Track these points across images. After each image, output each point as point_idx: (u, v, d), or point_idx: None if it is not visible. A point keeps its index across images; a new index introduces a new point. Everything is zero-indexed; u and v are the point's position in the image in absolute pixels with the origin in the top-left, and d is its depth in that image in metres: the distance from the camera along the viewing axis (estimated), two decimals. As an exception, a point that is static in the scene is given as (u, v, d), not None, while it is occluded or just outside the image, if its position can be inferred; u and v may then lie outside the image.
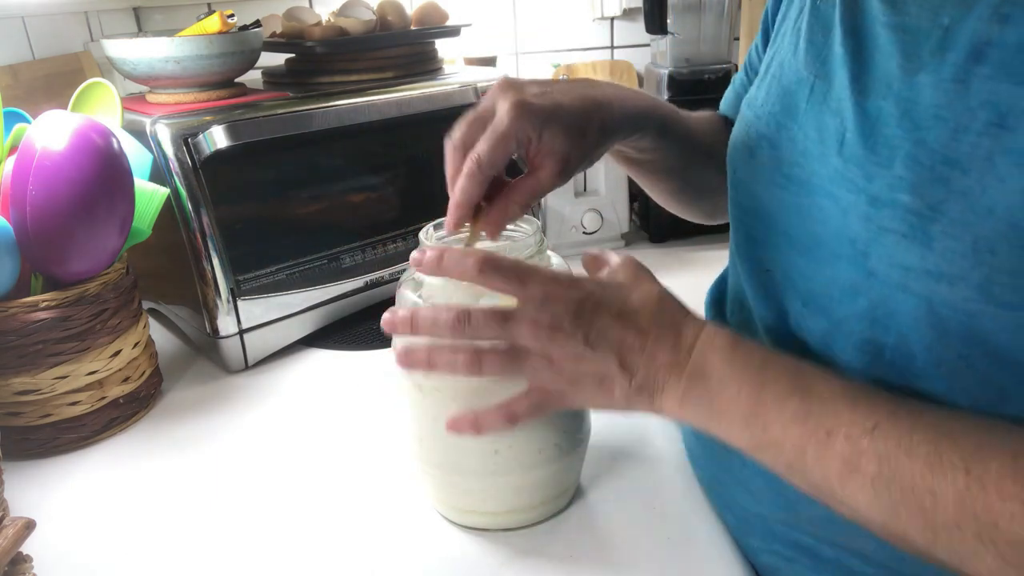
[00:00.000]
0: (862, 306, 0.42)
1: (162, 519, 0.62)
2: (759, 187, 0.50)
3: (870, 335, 0.42)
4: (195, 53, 0.85)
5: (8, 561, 0.46)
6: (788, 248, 0.48)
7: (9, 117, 0.73)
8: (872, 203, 0.40)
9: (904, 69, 0.40)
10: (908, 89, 0.39)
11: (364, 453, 0.69)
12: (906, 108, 0.39)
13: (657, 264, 1.08)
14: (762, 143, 0.50)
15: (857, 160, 0.41)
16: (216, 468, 0.68)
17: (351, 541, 0.58)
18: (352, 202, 0.98)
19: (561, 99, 0.51)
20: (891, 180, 0.39)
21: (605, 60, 1.43)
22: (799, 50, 0.49)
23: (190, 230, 0.80)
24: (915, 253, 0.38)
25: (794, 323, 0.48)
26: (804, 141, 0.46)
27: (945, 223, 0.37)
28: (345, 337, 0.92)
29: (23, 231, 0.65)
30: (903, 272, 0.39)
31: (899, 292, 0.39)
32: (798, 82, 0.48)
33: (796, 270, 0.47)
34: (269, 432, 0.74)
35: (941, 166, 0.37)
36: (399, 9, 1.02)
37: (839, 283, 0.43)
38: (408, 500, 0.61)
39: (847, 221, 0.42)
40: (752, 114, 0.52)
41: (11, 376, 0.67)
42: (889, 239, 0.39)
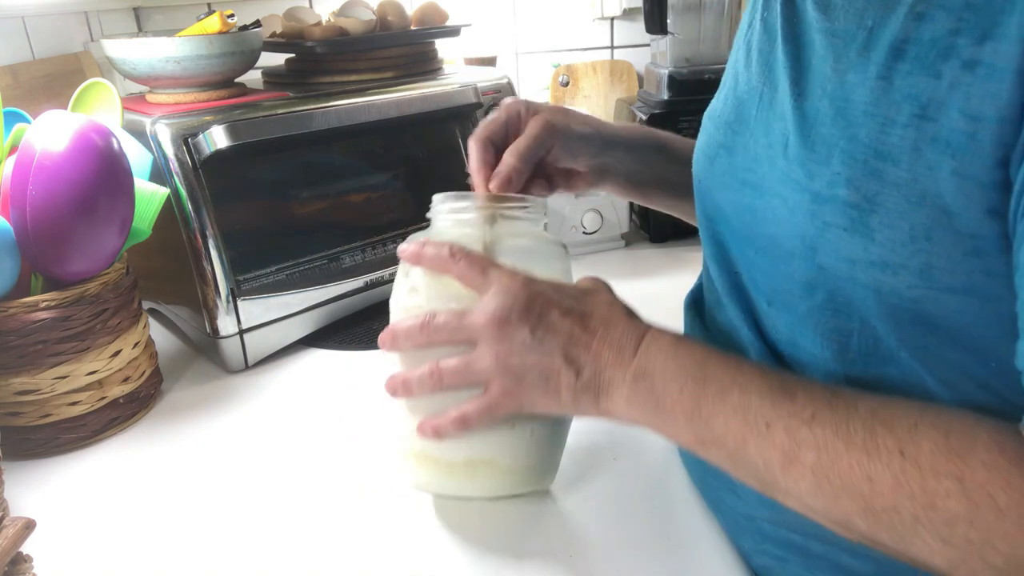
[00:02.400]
0: (821, 298, 0.43)
1: (162, 519, 0.62)
2: (719, 193, 0.52)
3: (835, 323, 0.43)
4: (195, 53, 0.85)
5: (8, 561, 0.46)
6: (749, 250, 0.50)
7: (9, 117, 0.74)
8: (815, 200, 0.41)
9: (835, 70, 0.42)
10: (840, 88, 0.42)
11: (364, 453, 0.69)
12: (840, 107, 0.41)
13: (657, 264, 1.09)
14: (720, 151, 0.52)
15: (800, 160, 0.43)
16: (216, 468, 0.68)
17: (351, 541, 0.58)
18: (352, 202, 0.98)
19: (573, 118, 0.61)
20: (830, 177, 0.41)
21: (605, 60, 1.43)
22: (750, 61, 0.51)
23: (190, 230, 0.80)
24: (858, 245, 0.39)
25: (763, 321, 0.50)
26: (755, 147, 0.48)
27: (882, 214, 0.38)
28: (345, 337, 0.92)
29: (23, 231, 0.65)
30: (849, 264, 0.40)
31: (849, 284, 0.41)
32: (749, 91, 0.50)
33: (758, 270, 0.49)
34: (269, 432, 0.74)
35: (874, 160, 0.39)
36: (399, 9, 1.02)
37: (796, 279, 0.45)
38: (408, 500, 0.61)
39: (795, 219, 0.43)
40: (712, 125, 0.54)
41: (11, 376, 0.67)
42: (833, 233, 0.41)
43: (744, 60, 0.52)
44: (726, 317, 0.54)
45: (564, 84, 1.43)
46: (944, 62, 0.36)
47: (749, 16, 0.54)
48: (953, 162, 0.36)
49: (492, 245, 0.53)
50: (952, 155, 0.36)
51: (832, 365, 0.45)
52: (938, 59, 0.37)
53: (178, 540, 0.59)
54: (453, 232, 0.54)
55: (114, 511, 0.63)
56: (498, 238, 0.53)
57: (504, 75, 1.05)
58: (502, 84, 1.04)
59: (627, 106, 1.24)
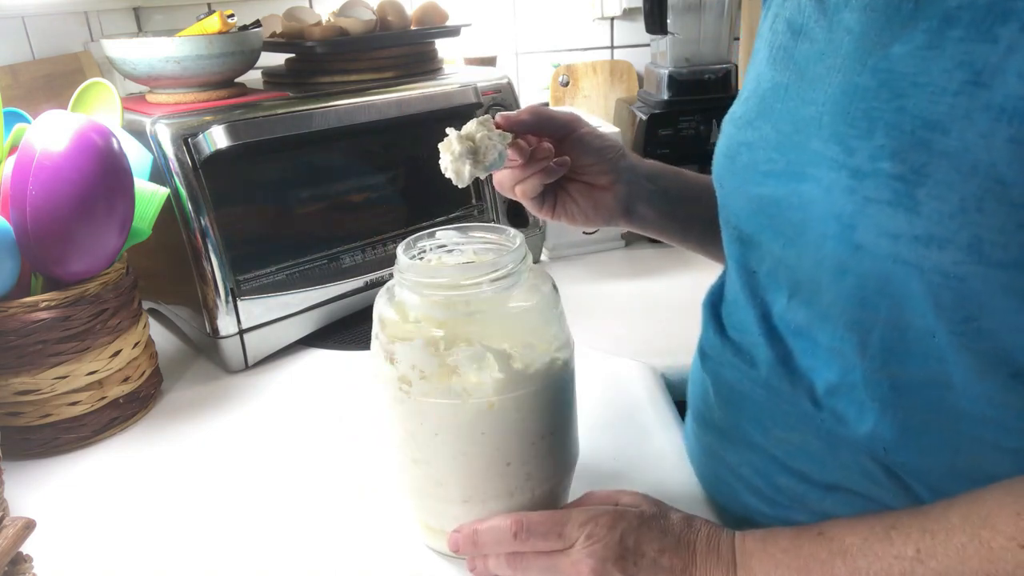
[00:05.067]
0: (850, 285, 0.42)
1: (162, 519, 0.62)
2: (741, 190, 0.51)
3: (858, 316, 0.43)
4: (195, 53, 0.85)
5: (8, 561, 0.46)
6: (772, 243, 0.49)
7: (9, 117, 0.73)
8: (854, 175, 0.41)
9: (878, 43, 0.41)
10: (883, 60, 0.41)
11: (364, 453, 0.69)
12: (884, 79, 0.40)
13: (657, 264, 1.09)
14: (740, 149, 0.51)
15: (837, 138, 0.42)
16: (216, 468, 0.68)
17: (351, 541, 0.58)
18: (352, 202, 0.98)
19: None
20: (872, 150, 0.40)
21: (605, 60, 1.43)
22: (773, 60, 0.50)
23: (190, 230, 0.80)
24: (902, 219, 0.38)
25: (777, 319, 0.50)
26: (777, 136, 0.48)
27: (930, 186, 0.37)
28: (345, 337, 0.92)
29: (23, 231, 0.65)
30: (892, 240, 0.39)
31: (888, 263, 0.40)
32: (773, 87, 0.49)
33: (781, 265, 0.49)
34: (269, 432, 0.74)
35: (922, 130, 0.38)
36: (399, 9, 1.02)
37: (825, 266, 0.44)
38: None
39: (831, 198, 0.42)
40: (732, 127, 0.54)
41: (11, 376, 0.67)
42: (875, 208, 0.39)
43: (767, 60, 0.51)
44: (739, 319, 0.54)
45: (564, 84, 1.43)
46: (1002, 25, 0.35)
47: (769, 20, 0.53)
48: (1009, 129, 0.35)
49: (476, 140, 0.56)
50: (1008, 121, 0.35)
51: (849, 360, 0.44)
52: (996, 23, 0.36)
53: (178, 540, 0.59)
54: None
55: (114, 511, 0.63)
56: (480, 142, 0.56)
57: (504, 75, 1.05)
58: (502, 84, 1.04)
59: (627, 106, 1.24)
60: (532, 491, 0.53)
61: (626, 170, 0.64)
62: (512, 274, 0.51)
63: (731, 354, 0.54)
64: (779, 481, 0.51)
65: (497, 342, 0.49)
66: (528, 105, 0.62)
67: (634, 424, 0.70)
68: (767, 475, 0.52)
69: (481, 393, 0.49)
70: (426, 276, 0.50)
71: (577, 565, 0.47)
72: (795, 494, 0.50)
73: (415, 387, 0.50)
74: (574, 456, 0.57)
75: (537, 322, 0.52)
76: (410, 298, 0.51)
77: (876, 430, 0.44)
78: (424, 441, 0.51)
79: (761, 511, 0.53)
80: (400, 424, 0.52)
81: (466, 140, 0.56)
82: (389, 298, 0.53)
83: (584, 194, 0.64)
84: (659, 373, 0.79)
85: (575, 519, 0.49)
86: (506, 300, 0.51)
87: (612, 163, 0.63)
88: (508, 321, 0.51)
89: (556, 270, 1.09)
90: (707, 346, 0.59)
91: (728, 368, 0.55)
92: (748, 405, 0.53)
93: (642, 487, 0.53)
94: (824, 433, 0.47)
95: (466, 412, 0.49)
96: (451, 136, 0.57)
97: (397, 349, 0.50)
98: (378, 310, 0.53)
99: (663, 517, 0.49)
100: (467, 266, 0.53)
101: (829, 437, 0.47)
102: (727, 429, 0.56)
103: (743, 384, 0.53)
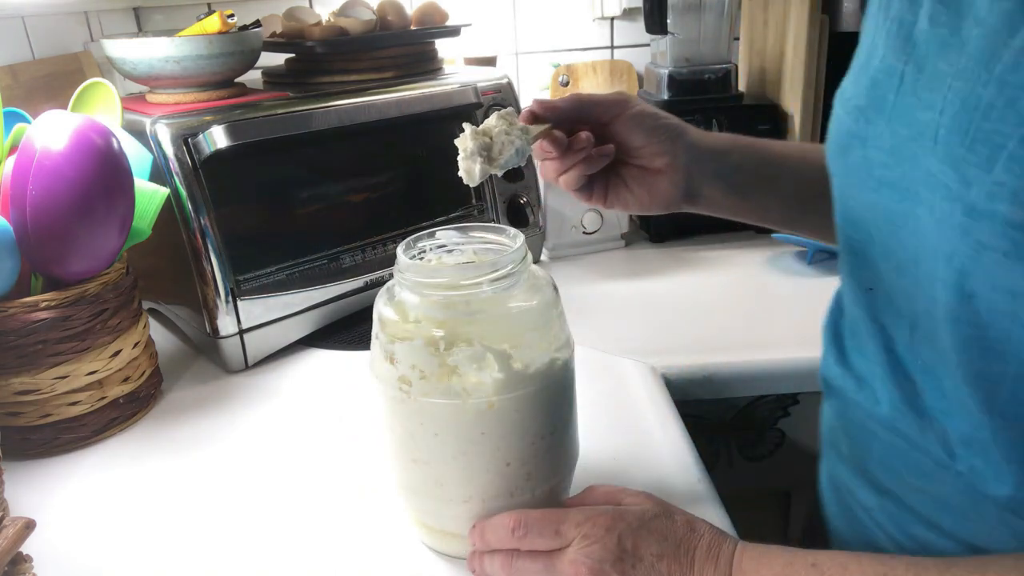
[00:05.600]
0: (967, 334, 0.36)
1: (162, 519, 0.62)
2: (854, 192, 0.45)
3: (981, 367, 0.37)
4: (195, 53, 0.85)
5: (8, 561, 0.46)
6: (887, 264, 0.42)
7: (9, 117, 0.73)
8: (969, 213, 0.34)
9: (1010, 46, 0.32)
10: (1014, 73, 0.32)
11: (364, 453, 0.69)
12: (1012, 96, 0.32)
13: (657, 264, 1.09)
14: (853, 142, 0.44)
15: (953, 160, 0.35)
16: (216, 468, 0.68)
17: (351, 541, 0.58)
18: (352, 202, 0.98)
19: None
20: (990, 186, 0.32)
21: (605, 60, 1.43)
22: (887, 33, 0.42)
23: (190, 230, 0.80)
24: (1020, 275, 0.32)
25: (903, 351, 0.44)
26: (893, 139, 0.40)
27: None
28: (345, 337, 0.92)
29: (23, 231, 0.65)
30: (1009, 298, 0.33)
31: (1007, 320, 0.34)
32: (886, 71, 0.41)
33: (898, 290, 0.42)
34: (269, 432, 0.74)
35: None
36: (399, 9, 1.02)
37: (939, 308, 0.37)
38: (408, 500, 0.61)
39: (943, 233, 0.35)
40: (842, 109, 0.46)
41: (11, 376, 0.67)
42: (989, 258, 0.33)
43: (884, 30, 0.42)
44: (860, 343, 0.48)
45: (564, 84, 1.43)
46: None
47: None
48: None
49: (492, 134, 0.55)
50: None
51: (977, 414, 0.38)
52: None
53: (178, 540, 0.59)
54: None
55: (114, 511, 0.63)
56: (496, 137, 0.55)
57: (504, 75, 1.05)
58: (502, 84, 1.04)
59: (627, 106, 1.24)
60: (532, 491, 0.53)
61: (686, 150, 0.58)
62: (512, 274, 0.51)
63: (854, 388, 0.49)
64: (915, 532, 0.46)
65: (497, 342, 0.49)
66: (571, 94, 0.58)
67: (634, 424, 0.70)
68: (902, 524, 0.47)
69: (481, 393, 0.49)
70: (426, 276, 0.50)
71: (574, 565, 0.46)
72: (937, 550, 0.45)
73: (415, 387, 0.50)
74: (574, 456, 0.57)
75: (537, 322, 0.52)
76: (410, 298, 0.51)
77: (1018, 494, 0.38)
78: (424, 441, 0.51)
79: None
80: (400, 424, 0.52)
81: (481, 136, 0.55)
82: (389, 298, 0.53)
83: (638, 179, 0.59)
84: (659, 373, 0.79)
85: (572, 518, 0.48)
86: (506, 300, 0.51)
87: (667, 144, 0.57)
88: (508, 321, 0.51)
89: (556, 270, 1.09)
90: (829, 376, 0.53)
91: (852, 406, 0.50)
92: (877, 447, 0.48)
93: (641, 487, 0.53)
94: (963, 486, 0.41)
95: (466, 412, 0.49)
96: (466, 131, 0.55)
97: (397, 349, 0.50)
98: (378, 310, 0.53)
99: (667, 518, 0.48)
100: (467, 266, 0.53)
101: (969, 491, 0.41)
102: (855, 465, 0.51)
103: (870, 425, 0.48)
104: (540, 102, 0.56)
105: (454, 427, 0.50)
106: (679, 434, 0.68)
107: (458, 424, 0.50)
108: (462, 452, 0.51)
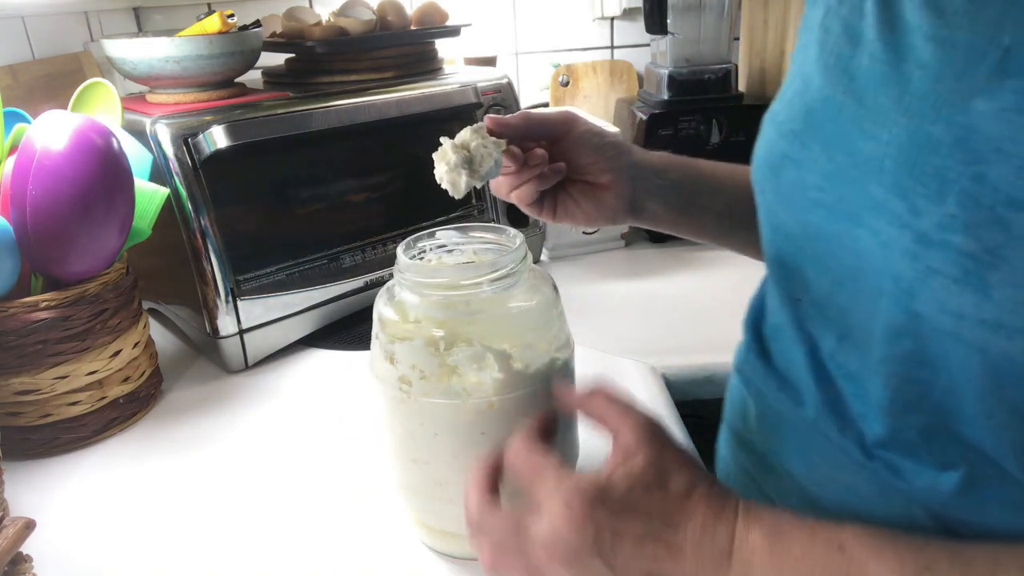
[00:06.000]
0: (906, 348, 0.38)
1: (162, 519, 0.62)
2: (786, 209, 0.46)
3: (916, 376, 0.38)
4: (195, 53, 0.85)
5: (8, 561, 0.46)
6: (819, 277, 0.44)
7: (9, 117, 0.73)
8: (919, 240, 0.35)
9: (956, 92, 0.35)
10: (962, 115, 0.34)
11: (364, 453, 0.69)
12: (961, 137, 0.34)
13: (657, 265, 1.09)
14: (785, 162, 0.46)
15: (900, 190, 0.36)
16: (216, 468, 0.68)
17: (351, 541, 0.58)
18: (352, 202, 0.98)
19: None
20: (942, 218, 0.34)
21: (605, 60, 1.43)
22: (825, 65, 0.44)
23: (190, 230, 0.80)
24: (969, 300, 0.34)
25: (826, 358, 0.45)
26: (830, 164, 0.42)
27: (1006, 271, 0.33)
28: (345, 337, 0.92)
29: (23, 231, 0.65)
30: (955, 320, 0.35)
31: (949, 340, 0.36)
32: (823, 101, 0.43)
33: (831, 302, 0.44)
34: (269, 432, 0.74)
35: (1004, 208, 0.32)
36: (399, 9, 1.02)
37: (879, 322, 0.39)
38: (408, 500, 0.61)
39: (889, 257, 0.37)
40: (774, 131, 0.48)
41: (11, 376, 0.67)
42: (938, 282, 0.35)
43: (816, 61, 0.45)
44: (784, 348, 0.50)
45: (564, 84, 1.43)
46: None
47: (820, 12, 0.46)
48: None
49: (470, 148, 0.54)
50: None
51: (903, 418, 0.40)
52: None
53: (178, 540, 0.59)
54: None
55: (114, 511, 0.63)
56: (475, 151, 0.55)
57: (504, 75, 1.05)
58: (502, 84, 1.04)
59: (627, 106, 1.24)
60: None
61: (629, 166, 0.61)
62: (512, 274, 0.51)
63: (776, 387, 0.50)
64: (823, 516, 0.46)
65: (497, 342, 0.49)
66: (519, 111, 0.60)
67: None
68: (807, 511, 0.47)
69: (481, 393, 0.49)
70: (426, 276, 0.50)
71: (543, 540, 0.41)
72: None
73: (415, 387, 0.50)
74: (574, 456, 0.57)
75: (537, 322, 0.52)
76: (410, 298, 0.51)
77: (934, 485, 0.40)
78: (424, 441, 0.51)
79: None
80: (400, 424, 0.52)
81: (461, 149, 0.55)
82: (389, 298, 0.53)
83: (585, 194, 0.62)
84: (659, 373, 0.79)
85: (540, 500, 0.43)
86: (506, 300, 0.51)
87: (612, 161, 0.60)
88: (508, 321, 0.51)
89: (556, 270, 1.09)
90: (748, 369, 0.54)
91: (773, 399, 0.51)
92: (793, 437, 0.49)
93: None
94: (876, 481, 0.43)
95: (466, 412, 0.49)
96: (445, 145, 0.55)
97: (397, 349, 0.50)
98: (378, 310, 0.53)
99: (658, 488, 0.42)
100: (467, 266, 0.53)
101: (881, 485, 0.43)
102: (768, 456, 0.52)
103: (789, 418, 0.49)
104: (493, 119, 0.57)
105: (454, 427, 0.50)
106: (679, 434, 0.68)
107: (458, 424, 0.50)
108: (462, 452, 0.51)
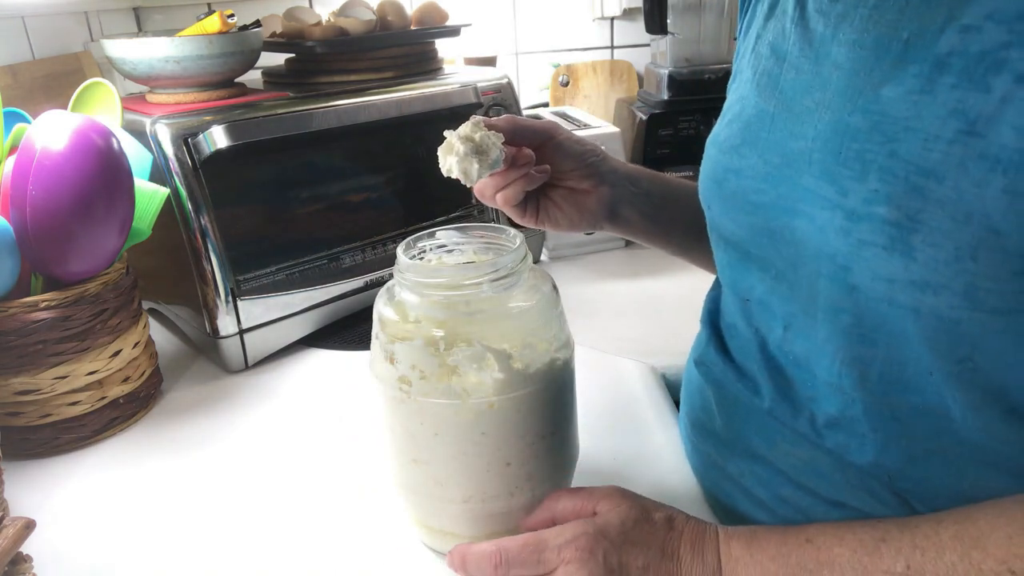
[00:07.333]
0: (846, 323, 0.42)
1: (162, 519, 0.62)
2: (731, 216, 0.51)
3: (856, 352, 0.43)
4: (195, 53, 0.85)
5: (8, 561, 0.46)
6: (764, 275, 0.49)
7: (9, 117, 0.74)
8: (849, 217, 0.40)
9: (868, 83, 0.41)
10: (875, 103, 0.40)
11: (364, 453, 0.69)
12: (875, 121, 0.40)
13: (657, 264, 1.09)
14: (727, 175, 0.51)
15: (829, 176, 0.41)
16: (216, 468, 0.68)
17: (351, 541, 0.58)
18: (352, 202, 0.98)
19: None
20: (867, 194, 0.39)
21: (605, 60, 1.43)
22: (758, 85, 0.50)
23: (190, 230, 0.80)
24: (898, 264, 0.38)
25: (774, 349, 0.49)
26: (765, 167, 0.47)
27: (925, 233, 0.37)
28: (345, 337, 0.92)
29: (23, 231, 0.65)
30: (887, 284, 0.39)
31: (884, 305, 0.40)
32: (758, 115, 0.49)
33: (775, 295, 0.48)
34: (269, 432, 0.74)
35: (916, 176, 0.37)
36: (399, 9, 1.02)
37: (820, 303, 0.44)
38: (408, 500, 0.61)
39: (825, 238, 0.42)
40: (716, 151, 0.53)
41: (11, 376, 0.67)
42: (870, 252, 0.39)
43: (751, 84, 0.51)
44: (741, 343, 0.54)
45: (564, 84, 1.43)
46: (996, 76, 0.35)
47: (751, 41, 0.53)
48: (1004, 179, 0.34)
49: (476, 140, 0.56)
50: (1003, 172, 0.34)
51: (849, 394, 0.44)
52: (989, 72, 0.35)
53: (178, 540, 0.59)
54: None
55: (114, 511, 0.63)
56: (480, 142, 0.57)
57: (504, 75, 1.05)
58: (502, 84, 1.04)
59: (627, 106, 1.24)
60: (532, 491, 0.53)
61: (608, 173, 0.65)
62: (512, 274, 0.51)
63: (735, 378, 0.54)
64: (783, 493, 0.51)
65: (497, 342, 0.49)
66: (505, 115, 0.63)
67: (634, 424, 0.70)
68: (771, 486, 0.52)
69: (481, 393, 0.49)
70: (426, 276, 0.50)
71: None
72: (800, 507, 0.50)
73: (415, 387, 0.50)
74: (574, 456, 0.58)
75: (537, 322, 0.52)
76: (410, 298, 0.51)
77: (879, 459, 0.44)
78: (424, 441, 0.51)
79: (763, 520, 0.53)
80: (400, 424, 0.52)
81: (467, 140, 0.56)
82: (389, 298, 0.53)
83: (567, 199, 0.64)
84: (659, 373, 0.79)
85: (552, 543, 0.47)
86: (506, 300, 0.51)
87: (593, 167, 0.64)
88: (508, 321, 0.51)
89: (556, 270, 1.09)
90: (708, 361, 0.58)
91: (732, 388, 0.54)
92: (753, 420, 0.52)
93: (641, 487, 0.52)
94: (830, 457, 0.47)
95: (466, 412, 0.49)
96: (451, 138, 0.57)
97: (397, 349, 0.50)
98: (378, 310, 0.53)
99: (645, 520, 0.48)
100: (467, 266, 0.53)
101: (836, 460, 0.47)
102: (729, 440, 0.55)
103: (748, 405, 0.53)
104: (480, 120, 0.59)
105: (454, 427, 0.50)
106: (678, 434, 0.68)
107: (458, 424, 0.50)
108: (462, 452, 0.51)
